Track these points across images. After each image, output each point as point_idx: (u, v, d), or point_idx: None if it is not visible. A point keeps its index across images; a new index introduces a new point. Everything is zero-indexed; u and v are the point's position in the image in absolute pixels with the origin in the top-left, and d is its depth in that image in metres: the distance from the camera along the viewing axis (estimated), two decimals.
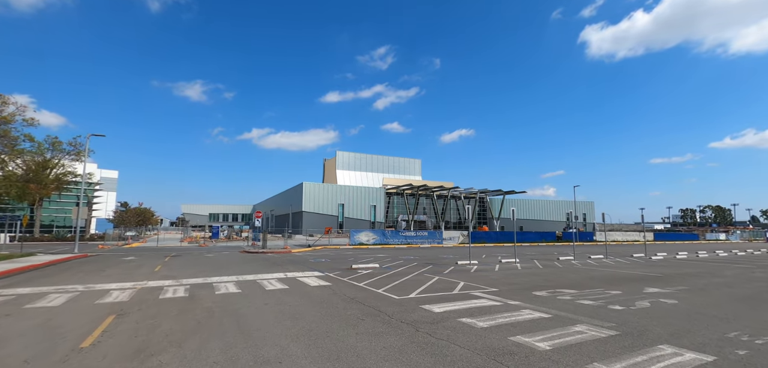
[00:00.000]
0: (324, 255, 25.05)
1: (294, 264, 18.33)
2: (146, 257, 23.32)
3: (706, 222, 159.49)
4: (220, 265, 18.00)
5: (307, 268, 16.65)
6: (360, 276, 14.09)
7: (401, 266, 17.93)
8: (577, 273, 15.53)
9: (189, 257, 23.39)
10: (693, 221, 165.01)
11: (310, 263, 19.24)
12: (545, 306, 8.65)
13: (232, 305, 8.75)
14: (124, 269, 16.23)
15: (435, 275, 14.56)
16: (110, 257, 23.38)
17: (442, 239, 46.83)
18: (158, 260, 20.99)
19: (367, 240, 41.77)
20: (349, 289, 11.05)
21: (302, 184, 78.14)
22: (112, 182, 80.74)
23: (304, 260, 21.17)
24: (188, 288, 11.20)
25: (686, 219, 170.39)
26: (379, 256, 24.38)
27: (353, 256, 24.38)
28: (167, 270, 15.71)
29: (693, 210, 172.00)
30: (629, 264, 20.64)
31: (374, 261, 19.79)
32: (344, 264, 18.89)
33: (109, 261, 20.03)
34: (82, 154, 26.56)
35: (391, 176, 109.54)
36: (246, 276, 13.91)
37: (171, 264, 18.34)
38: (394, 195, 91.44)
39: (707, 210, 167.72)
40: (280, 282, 12.28)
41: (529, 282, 12.72)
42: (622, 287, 11.86)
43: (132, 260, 21.06)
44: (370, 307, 8.49)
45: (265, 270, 15.70)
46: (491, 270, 16.80)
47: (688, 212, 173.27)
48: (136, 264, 18.27)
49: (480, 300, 9.30)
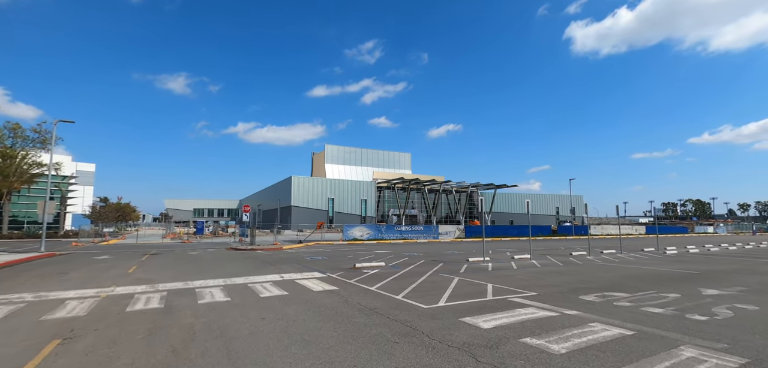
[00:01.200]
0: (319, 253, 23.11)
1: (288, 264, 16.37)
2: (122, 256, 21.01)
3: (687, 215, 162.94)
4: (205, 265, 15.92)
5: (304, 268, 14.72)
6: (368, 277, 12.25)
7: (409, 264, 16.16)
8: (609, 272, 14.00)
9: (170, 255, 21.17)
10: (675, 214, 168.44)
11: (306, 261, 17.31)
12: (613, 317, 6.98)
13: (219, 320, 6.82)
14: (92, 271, 14.03)
15: (452, 274, 12.83)
16: (81, 256, 20.98)
17: (438, 233, 45.32)
18: (134, 259, 18.75)
19: (360, 235, 39.92)
20: (361, 295, 9.21)
21: (291, 177, 75.68)
22: (89, 175, 76.58)
23: (299, 258, 19.21)
24: (165, 295, 9.18)
25: (668, 212, 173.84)
26: (380, 253, 22.59)
27: (352, 253, 22.51)
28: (142, 272, 13.59)
29: (674, 204, 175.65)
30: (649, 259, 19.32)
31: (377, 259, 17.97)
32: (344, 262, 17.02)
33: (78, 262, 17.72)
34: (48, 141, 23.86)
35: (380, 170, 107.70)
36: (235, 278, 11.92)
37: (148, 265, 16.16)
38: (384, 190, 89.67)
39: (688, 204, 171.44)
40: (276, 287, 10.35)
41: (565, 284, 11.09)
42: (672, 288, 10.32)
43: (105, 259, 18.77)
44: (398, 322, 6.68)
45: (257, 271, 13.71)
46: (509, 268, 15.16)
47: (670, 206, 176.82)
48: (107, 265, 16.04)
49: (528, 310, 7.58)
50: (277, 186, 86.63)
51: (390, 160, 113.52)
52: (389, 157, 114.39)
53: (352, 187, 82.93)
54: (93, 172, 79.57)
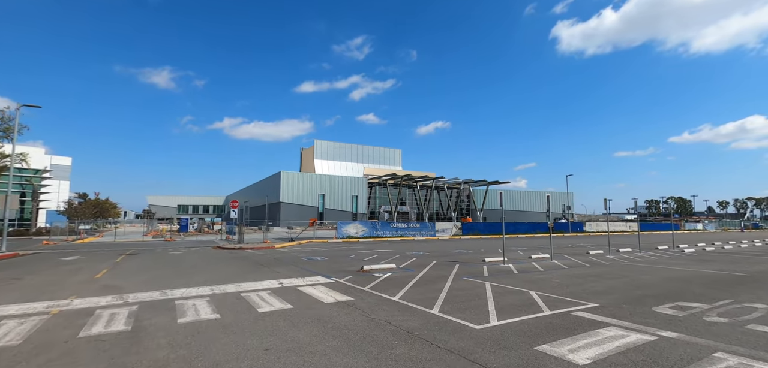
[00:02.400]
0: (315, 252, 21.16)
1: (285, 265, 14.41)
2: (94, 256, 18.71)
3: (670, 212, 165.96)
4: (188, 267, 13.86)
5: (304, 271, 12.81)
6: (383, 283, 10.43)
7: (421, 266, 14.39)
8: (648, 274, 12.47)
9: (149, 255, 18.96)
10: (657, 211, 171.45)
11: (303, 263, 15.37)
12: (734, 342, 5.32)
13: (205, 353, 4.91)
14: (53, 275, 11.85)
15: (478, 278, 11.11)
16: (47, 257, 18.61)
17: (435, 231, 43.75)
18: (107, 260, 16.53)
19: (355, 232, 38.03)
20: (386, 309, 7.39)
21: (280, 173, 73.18)
22: (65, 169, 72.47)
23: (295, 258, 17.25)
24: (135, 311, 7.20)
25: (651, 209, 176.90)
26: (382, 252, 20.76)
27: (352, 253, 20.64)
28: (112, 277, 11.48)
29: (657, 201, 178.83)
30: (673, 258, 17.98)
31: (384, 260, 16.16)
32: (347, 263, 15.15)
33: (41, 264, 15.42)
34: (10, 130, 21.32)
35: (371, 166, 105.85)
36: (224, 286, 9.95)
37: (122, 267, 14.01)
38: (375, 186, 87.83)
39: (670, 201, 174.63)
40: (277, 298, 8.45)
41: (616, 290, 9.47)
42: (748, 296, 8.79)
43: (73, 261, 16.49)
44: (456, 354, 4.88)
45: (250, 275, 11.74)
46: (534, 269, 13.53)
47: (653, 203, 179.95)
48: (73, 268, 13.83)
49: (609, 331, 5.88)
50: (265, 182, 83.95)
51: (380, 156, 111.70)
52: (380, 153, 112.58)
53: (343, 183, 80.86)
54: (69, 166, 75.41)
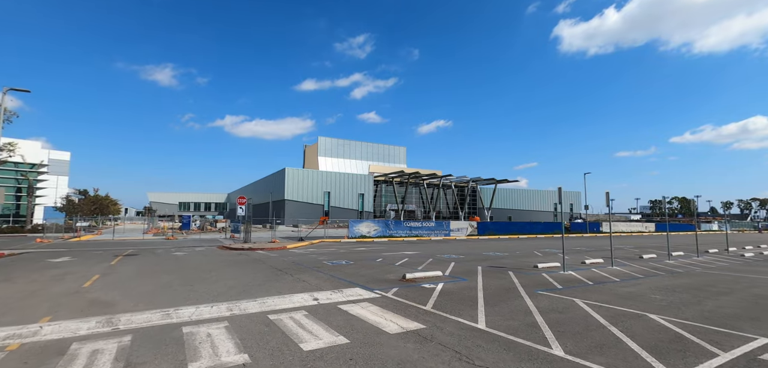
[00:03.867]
0: (334, 254, 19.01)
1: (308, 272, 12.26)
2: (88, 257, 16.59)
3: (674, 212, 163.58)
4: (195, 273, 11.72)
5: (335, 280, 10.66)
6: (444, 300, 8.28)
7: (470, 274, 12.22)
8: (756, 286, 10.31)
9: (149, 257, 16.84)
10: (661, 211, 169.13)
11: (328, 268, 13.22)
12: None
13: None
14: (32, 283, 9.72)
15: (558, 293, 8.96)
16: (34, 258, 16.49)
17: (450, 230, 41.57)
18: (102, 263, 14.40)
19: (367, 231, 35.89)
20: (482, 346, 5.23)
21: (285, 169, 71.04)
22: (63, 165, 70.25)
23: (315, 262, 15.08)
24: (126, 347, 5.06)
25: (655, 209, 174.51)
26: (410, 254, 18.58)
27: (376, 255, 18.47)
28: (104, 287, 9.34)
29: (661, 201, 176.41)
30: (745, 264, 15.80)
31: (419, 265, 14.02)
32: (379, 269, 12.99)
33: (23, 267, 13.30)
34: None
35: (376, 164, 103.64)
36: (245, 302, 7.81)
37: (117, 272, 11.88)
38: (382, 184, 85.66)
39: (674, 202, 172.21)
40: (319, 323, 6.29)
41: (747, 310, 7.31)
42: None
43: (62, 263, 14.37)
44: None
45: (272, 285, 9.60)
46: (610, 280, 11.37)
47: (657, 203, 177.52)
48: (59, 273, 11.70)
49: None
50: (269, 179, 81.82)
51: (385, 154, 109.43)
52: (384, 151, 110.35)
53: (350, 181, 78.68)
54: (68, 161, 73.23)
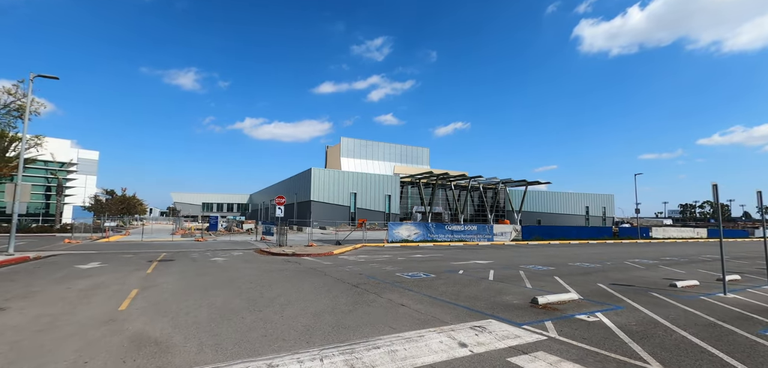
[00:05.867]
0: (398, 262, 16.40)
1: (394, 290, 9.70)
2: (118, 263, 14.50)
3: (705, 217, 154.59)
4: (254, 290, 9.33)
5: (448, 306, 8.03)
6: (647, 345, 5.56)
7: (605, 297, 9.42)
8: None
9: (187, 264, 14.63)
10: (692, 216, 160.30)
11: (412, 284, 10.63)
12: None
13: None
14: (55, 304, 7.47)
15: None
16: (62, 264, 14.51)
17: (493, 234, 38.48)
18: (136, 271, 12.23)
19: (408, 235, 33.24)
20: None
21: (311, 170, 69.19)
22: (92, 164, 70.22)
23: (387, 275, 12.51)
24: None
25: (685, 213, 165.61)
26: (485, 263, 15.78)
27: (449, 265, 15.76)
28: (146, 312, 6.99)
29: (691, 205, 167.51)
30: None
31: (518, 280, 11.28)
32: (480, 287, 10.31)
33: (48, 276, 11.23)
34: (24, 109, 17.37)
35: (400, 165, 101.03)
36: (360, 348, 5.26)
37: (156, 286, 9.60)
38: (407, 185, 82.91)
39: (706, 205, 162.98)
40: None
41: None
42: None
43: (91, 271, 12.26)
44: None
45: (370, 315, 7.06)
46: None
47: (688, 207, 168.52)
48: (89, 286, 9.50)
49: None
50: (294, 180, 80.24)
51: (408, 155, 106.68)
52: (407, 152, 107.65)
53: (376, 182, 76.26)
54: (96, 161, 73.26)
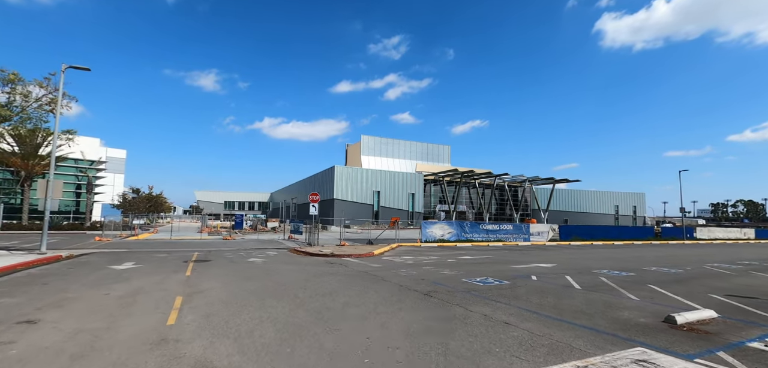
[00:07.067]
0: (458, 267, 14.89)
1: (479, 301, 8.22)
2: (153, 263, 13.51)
3: (738, 216, 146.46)
4: (315, 300, 8.01)
5: (557, 323, 6.51)
6: None
7: (739, 311, 7.71)
8: None
9: (225, 265, 13.52)
10: (724, 215, 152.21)
11: (484, 291, 9.14)
12: None
13: None
14: (89, 316, 6.32)
15: None
16: (95, 264, 13.61)
17: (530, 234, 36.46)
18: (174, 272, 11.15)
19: (442, 234, 31.66)
20: None
21: (334, 168, 68.29)
22: (119, 162, 71.32)
23: (449, 279, 11.04)
24: None
25: (717, 213, 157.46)
26: (547, 267, 14.10)
27: (512, 269, 14.17)
28: (200, 329, 5.74)
29: (724, 204, 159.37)
30: None
31: (599, 288, 9.62)
32: (575, 298, 8.73)
33: (84, 278, 10.24)
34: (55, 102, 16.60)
35: (422, 163, 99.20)
36: None
37: (202, 293, 8.41)
38: (430, 183, 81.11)
39: (739, 205, 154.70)
40: None
41: None
42: None
43: (127, 272, 11.25)
44: None
45: (466, 335, 5.62)
46: None
47: (720, 206, 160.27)
48: (127, 293, 8.39)
49: None
50: (316, 178, 79.58)
51: (429, 153, 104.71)
52: (428, 150, 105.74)
53: (399, 180, 74.78)
54: (124, 159, 74.37)
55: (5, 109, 17.08)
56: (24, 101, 17.76)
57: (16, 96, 17.45)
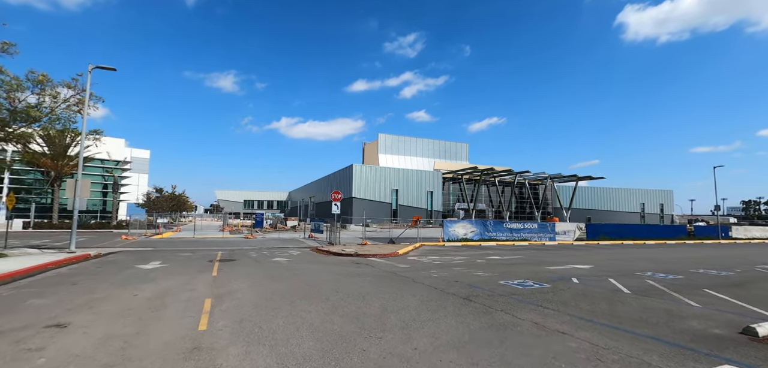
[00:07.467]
0: (491, 268, 14.31)
1: (522, 306, 7.66)
2: (179, 262, 13.44)
3: None
4: (349, 304, 7.61)
5: (615, 332, 5.89)
6: None
7: None
8: None
9: (250, 265, 13.31)
10: (757, 213, 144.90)
11: (526, 295, 8.55)
12: None
13: None
14: (118, 320, 6.08)
15: None
16: (122, 263, 13.63)
17: (555, 233, 35.30)
18: (201, 273, 10.98)
19: (465, 233, 30.91)
20: None
21: (352, 166, 68.15)
22: (143, 162, 73.05)
23: (482, 280, 10.49)
24: None
25: (749, 211, 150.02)
26: (586, 269, 13.32)
27: (545, 270, 13.49)
28: (234, 336, 5.39)
29: (756, 201, 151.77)
30: None
31: (659, 294, 8.90)
32: (625, 304, 8.07)
33: (111, 277, 10.16)
34: (83, 103, 16.82)
35: (440, 161, 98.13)
36: None
37: (232, 296, 8.12)
38: (448, 182, 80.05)
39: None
40: None
41: None
42: None
43: (154, 272, 11.15)
44: None
45: (549, 352, 5.11)
46: None
47: (752, 204, 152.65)
48: (155, 294, 8.19)
49: None
50: (334, 176, 79.70)
51: (447, 151, 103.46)
52: (446, 147, 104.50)
53: (417, 178, 74.07)
54: (148, 159, 76.15)
55: (35, 109, 17.34)
56: (53, 102, 18.00)
57: (46, 97, 17.69)
